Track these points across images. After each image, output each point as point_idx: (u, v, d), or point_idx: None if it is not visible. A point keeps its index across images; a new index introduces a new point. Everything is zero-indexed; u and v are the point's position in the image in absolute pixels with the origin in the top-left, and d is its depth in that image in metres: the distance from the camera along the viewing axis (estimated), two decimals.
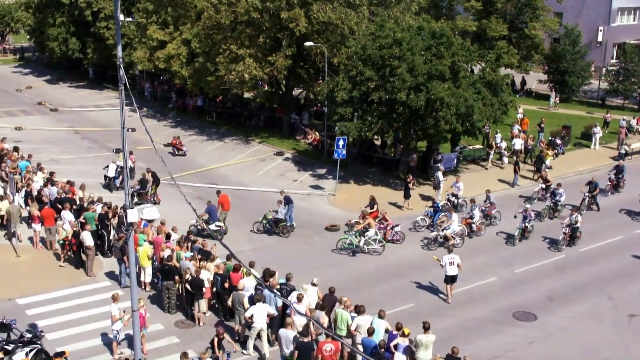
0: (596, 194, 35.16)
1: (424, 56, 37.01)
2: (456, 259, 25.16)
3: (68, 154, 44.55)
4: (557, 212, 34.15)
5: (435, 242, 30.42)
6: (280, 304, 21.84)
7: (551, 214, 34.12)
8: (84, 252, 26.97)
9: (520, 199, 36.58)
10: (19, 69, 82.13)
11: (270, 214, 31.72)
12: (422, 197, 36.63)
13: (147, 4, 55.58)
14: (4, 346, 20.04)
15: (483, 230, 32.02)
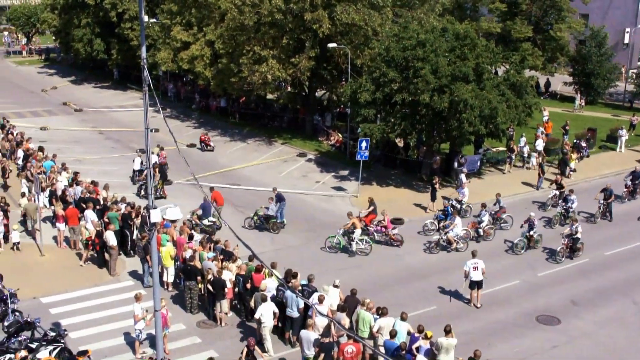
0: (611, 201, 34.05)
1: (447, 58, 36.81)
2: (480, 263, 24.77)
3: (92, 154, 44.86)
4: (569, 219, 32.86)
5: (437, 246, 30.10)
6: (302, 305, 21.80)
7: (562, 220, 33.08)
8: (107, 251, 27.13)
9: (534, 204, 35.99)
10: (45, 69, 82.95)
11: (261, 210, 32.13)
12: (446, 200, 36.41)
13: (172, 5, 55.87)
14: (28, 344, 20.19)
15: (492, 235, 31.40)
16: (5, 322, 21.78)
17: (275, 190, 32.96)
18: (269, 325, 21.72)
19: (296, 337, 21.66)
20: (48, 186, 33.14)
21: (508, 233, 31.90)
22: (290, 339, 22.33)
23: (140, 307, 20.95)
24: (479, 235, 31.12)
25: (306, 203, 35.40)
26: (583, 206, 34.12)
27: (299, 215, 33.59)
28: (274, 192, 32.71)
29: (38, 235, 29.40)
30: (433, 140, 39.68)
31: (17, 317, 21.86)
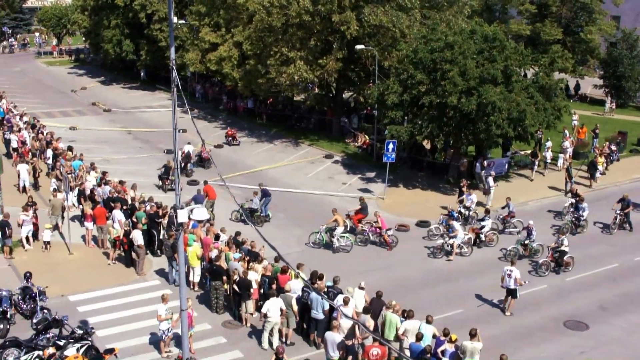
0: (628, 211, 32.80)
1: (476, 60, 36.58)
2: (514, 272, 24.24)
3: (120, 154, 45.23)
4: (581, 227, 32.20)
5: (441, 251, 29.76)
6: (327, 307, 21.77)
7: (573, 229, 32.06)
8: (134, 251, 27.31)
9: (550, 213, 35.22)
10: (75, 70, 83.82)
11: (247, 204, 32.90)
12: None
13: (200, 7, 56.18)
14: (56, 341, 20.40)
15: (495, 240, 30.81)
16: (34, 319, 22.01)
17: (262, 185, 33.88)
18: (274, 320, 21.90)
19: (321, 338, 21.64)
20: (77, 185, 33.46)
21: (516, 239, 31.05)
22: (315, 340, 22.32)
23: (164, 308, 21.01)
24: (481, 241, 30.68)
25: (332, 205, 35.27)
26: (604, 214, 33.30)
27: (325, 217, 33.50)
28: (259, 187, 33.55)
29: (66, 234, 29.69)
30: (460, 143, 39.44)
31: (46, 315, 22.07)
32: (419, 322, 20.65)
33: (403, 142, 39.02)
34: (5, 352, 20.13)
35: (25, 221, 29.03)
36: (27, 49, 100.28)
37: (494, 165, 38.99)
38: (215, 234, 27.06)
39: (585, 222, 32.36)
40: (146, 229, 28.75)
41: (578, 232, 32.15)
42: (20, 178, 36.01)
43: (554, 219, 33.94)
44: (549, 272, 27.95)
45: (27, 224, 29.15)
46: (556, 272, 27.96)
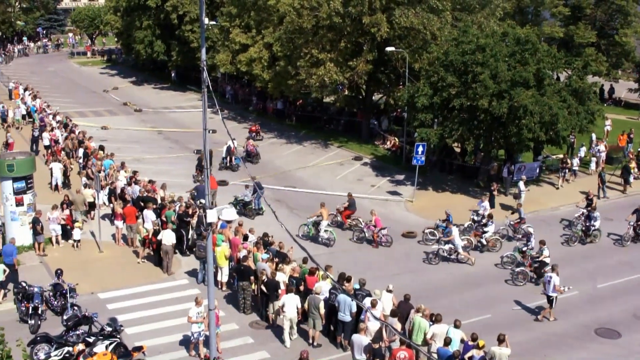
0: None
1: (507, 63, 36.29)
2: (554, 279, 23.77)
3: (150, 154, 45.55)
4: (590, 237, 31.27)
5: (437, 257, 29.29)
6: (354, 309, 21.70)
7: (583, 239, 31.33)
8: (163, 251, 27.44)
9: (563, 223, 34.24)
10: (107, 70, 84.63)
11: (240, 196, 34.16)
12: (503, 207, 35.81)
13: (231, 8, 56.40)
14: (85, 338, 20.58)
15: (498, 246, 30.29)
16: (65, 316, 22.26)
17: (255, 178, 34.12)
18: (289, 315, 22.07)
19: (348, 341, 21.60)
20: (107, 184, 33.77)
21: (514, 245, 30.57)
22: (341, 342, 22.25)
23: (196, 310, 20.92)
24: (483, 245, 30.25)
25: (361, 207, 35.16)
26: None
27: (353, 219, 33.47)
28: (253, 180, 33.81)
29: (97, 232, 29.96)
30: (491, 146, 39.13)
31: (76, 312, 22.30)
32: (447, 327, 20.51)
33: (433, 145, 38.82)
34: (36, 347, 20.36)
35: (51, 219, 29.31)
36: (60, 49, 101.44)
37: (525, 169, 38.66)
38: (243, 234, 27.12)
39: (598, 232, 31.40)
40: (175, 228, 28.94)
41: (589, 241, 31.30)
42: (53, 176, 36.43)
43: (563, 229, 32.95)
44: (526, 282, 27.02)
45: (53, 223, 29.41)
46: (535, 283, 26.86)
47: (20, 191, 28.48)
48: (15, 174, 28.25)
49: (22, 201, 28.62)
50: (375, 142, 48.77)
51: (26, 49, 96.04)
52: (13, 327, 21.66)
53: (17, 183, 28.38)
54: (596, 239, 31.43)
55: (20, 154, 30.35)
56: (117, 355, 19.92)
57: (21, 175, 28.45)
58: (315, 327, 22.23)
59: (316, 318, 22.05)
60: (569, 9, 57.61)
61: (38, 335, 21.05)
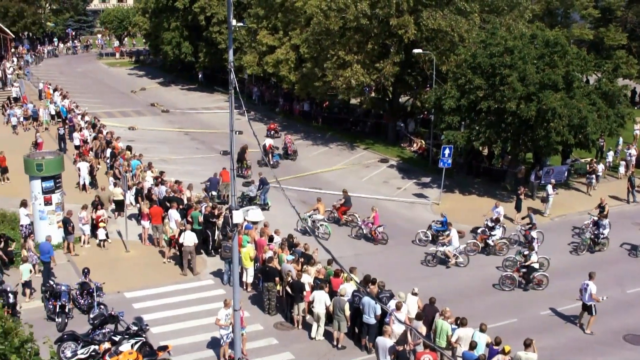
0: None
1: (536, 65, 36.00)
2: (590, 286, 23.37)
3: (177, 154, 45.80)
4: (599, 245, 30.46)
5: (434, 259, 29.08)
6: (379, 312, 21.62)
7: (591, 247, 30.52)
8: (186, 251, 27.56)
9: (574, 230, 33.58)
10: (135, 71, 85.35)
11: (246, 191, 35.31)
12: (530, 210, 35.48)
13: (258, 10, 56.58)
14: (111, 337, 20.69)
15: (505, 250, 29.88)
16: (91, 314, 22.40)
17: (260, 175, 35.45)
18: (316, 310, 22.32)
19: (372, 343, 21.52)
20: (134, 184, 34.00)
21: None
22: (366, 345, 22.18)
23: (225, 313, 20.81)
24: (488, 246, 29.90)
25: (387, 209, 35.15)
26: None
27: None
28: (259, 176, 35.40)
29: (124, 232, 30.16)
30: (518, 149, 38.83)
31: (102, 310, 22.45)
32: (473, 330, 20.35)
33: (460, 148, 38.62)
34: (63, 345, 20.52)
35: (82, 219, 29.62)
36: (89, 50, 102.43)
37: (553, 173, 38.30)
38: (269, 235, 27.15)
39: (606, 240, 30.57)
40: (201, 229, 29.07)
41: (597, 250, 30.54)
42: (81, 176, 36.75)
43: (572, 237, 32.28)
44: (514, 287, 26.67)
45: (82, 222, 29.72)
46: (523, 289, 26.61)
47: (48, 190, 28.75)
48: (44, 173, 28.52)
49: (51, 200, 28.89)
50: (402, 144, 48.64)
51: (55, 50, 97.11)
52: (40, 325, 21.83)
53: (46, 182, 28.65)
54: (604, 247, 30.56)
55: (49, 154, 30.63)
56: (142, 354, 20.00)
57: (50, 174, 28.72)
58: (340, 329, 22.17)
59: (341, 320, 22.00)
60: (599, 10, 57.04)
61: (65, 333, 21.23)
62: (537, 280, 26.69)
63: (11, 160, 37.17)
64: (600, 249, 30.56)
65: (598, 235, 30.48)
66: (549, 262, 28.25)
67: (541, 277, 26.75)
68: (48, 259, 25.83)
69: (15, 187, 35.64)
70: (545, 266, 27.99)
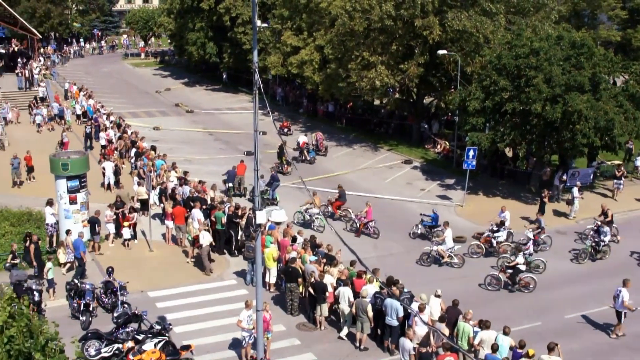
0: None
1: (562, 67, 35.68)
2: (623, 293, 22.94)
3: (201, 155, 45.98)
4: (601, 253, 29.45)
5: (428, 258, 29.04)
6: (401, 313, 21.54)
7: (593, 255, 29.50)
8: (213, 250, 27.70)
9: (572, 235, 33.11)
10: (159, 71, 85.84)
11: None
12: (555, 213, 35.24)
13: (283, 11, 56.70)
14: (135, 335, 20.81)
15: (509, 252, 29.17)
16: (115, 313, 22.55)
17: (272, 171, 36.40)
18: (342, 307, 22.53)
19: (395, 345, 21.46)
20: (159, 184, 34.18)
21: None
22: (389, 347, 22.11)
23: (247, 314, 20.82)
24: (491, 246, 29.61)
25: (410, 211, 35.03)
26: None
27: (402, 223, 33.29)
28: (271, 172, 36.20)
29: (147, 232, 30.34)
30: (543, 152, 38.51)
31: (126, 309, 22.59)
32: (496, 333, 20.22)
33: (484, 149, 38.40)
34: (86, 343, 20.67)
35: (107, 217, 29.91)
36: (115, 50, 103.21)
37: (579, 175, 37.93)
38: (292, 236, 27.17)
39: (607, 248, 29.62)
40: (224, 229, 29.17)
41: (599, 258, 29.58)
42: (106, 176, 37.02)
43: (574, 242, 31.69)
44: (500, 287, 26.51)
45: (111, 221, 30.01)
46: (509, 290, 26.45)
47: (73, 190, 28.99)
48: (69, 172, 28.77)
49: (76, 199, 29.13)
50: (426, 145, 48.45)
51: (81, 50, 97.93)
52: (65, 323, 21.94)
53: (71, 182, 28.90)
54: (606, 255, 29.67)
55: (74, 153, 30.89)
56: (165, 353, 20.10)
57: (75, 174, 28.96)
58: (363, 331, 22.12)
59: (364, 321, 21.96)
60: (626, 12, 56.43)
61: (89, 331, 21.40)
62: (524, 282, 26.51)
63: (37, 159, 37.55)
64: (602, 256, 29.59)
65: (599, 243, 29.50)
66: (545, 265, 28.15)
67: (528, 280, 26.54)
68: (79, 255, 26.30)
69: (41, 186, 36.00)
70: (542, 268, 27.99)
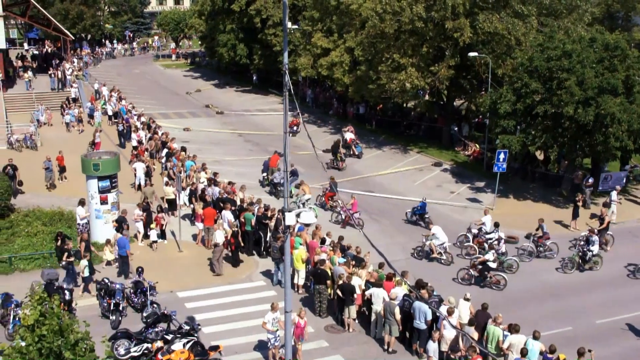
0: None
1: (595, 69, 35.25)
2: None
3: (231, 156, 46.14)
4: (589, 263, 28.48)
5: (421, 252, 29.68)
6: (429, 317, 21.42)
7: (581, 265, 28.60)
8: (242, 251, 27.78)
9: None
10: (190, 72, 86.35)
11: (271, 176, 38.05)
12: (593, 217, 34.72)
13: (314, 12, 56.75)
14: (164, 335, 20.95)
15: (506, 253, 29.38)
16: (144, 313, 22.77)
17: (292, 166, 37.23)
18: (374, 308, 22.55)
19: (423, 349, 21.35)
20: (188, 185, 34.37)
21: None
22: (417, 350, 22.01)
23: (272, 316, 20.80)
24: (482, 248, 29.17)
25: (440, 213, 34.84)
26: None
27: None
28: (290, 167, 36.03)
29: (177, 232, 30.53)
30: (575, 155, 38.07)
31: (155, 309, 22.78)
32: (525, 337, 20.03)
33: (515, 152, 38.07)
34: (116, 342, 20.84)
35: (136, 216, 30.16)
36: (146, 52, 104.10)
37: (612, 179, 37.47)
38: (321, 237, 27.16)
39: (598, 259, 28.66)
40: (254, 230, 29.25)
41: (587, 268, 28.65)
42: (137, 176, 37.32)
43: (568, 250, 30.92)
44: (470, 283, 26.78)
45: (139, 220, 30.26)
46: (480, 285, 26.71)
47: (104, 190, 29.27)
48: (101, 173, 29.04)
49: (107, 200, 29.40)
50: (456, 148, 48.17)
51: (113, 52, 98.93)
52: (95, 323, 22.17)
53: (102, 182, 29.18)
54: (597, 265, 28.75)
55: (105, 154, 31.17)
56: (194, 353, 20.21)
57: (106, 174, 29.23)
58: (392, 333, 22.05)
59: (392, 324, 21.89)
60: None
61: (119, 330, 21.56)
62: (495, 279, 26.76)
63: (69, 160, 37.98)
64: (592, 267, 28.66)
65: (586, 253, 28.51)
66: (518, 265, 28.23)
67: (499, 278, 26.78)
68: (124, 252, 26.85)
69: (72, 186, 36.39)
70: (515, 268, 28.19)
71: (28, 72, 64.09)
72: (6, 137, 46.16)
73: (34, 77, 63.50)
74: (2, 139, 46.25)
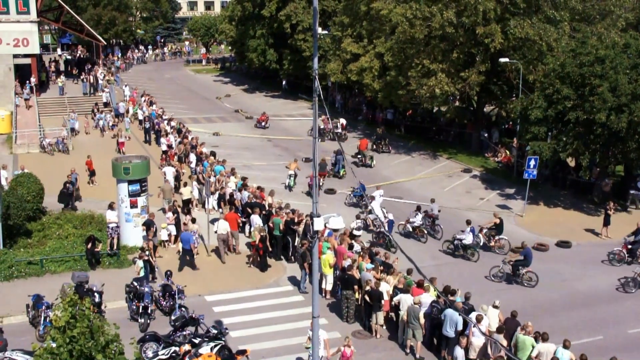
0: None
1: (628, 75, 34.81)
2: None
3: (260, 161, 46.25)
4: (519, 277, 27.40)
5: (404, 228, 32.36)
6: (460, 326, 21.24)
7: (510, 277, 27.71)
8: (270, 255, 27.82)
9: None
10: (220, 78, 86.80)
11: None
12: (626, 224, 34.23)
13: (343, 18, 56.78)
14: (191, 339, 21.03)
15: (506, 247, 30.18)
16: (173, 316, 22.90)
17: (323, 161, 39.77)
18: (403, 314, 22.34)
19: (451, 356, 21.18)
20: (217, 189, 34.51)
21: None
22: (445, 357, 21.85)
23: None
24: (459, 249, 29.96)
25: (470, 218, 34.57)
26: None
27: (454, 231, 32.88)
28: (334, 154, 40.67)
29: (206, 236, 30.65)
30: (608, 162, 37.62)
31: (183, 313, 22.88)
32: (555, 346, 19.78)
33: (545, 159, 37.70)
34: (145, 345, 20.96)
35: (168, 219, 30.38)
36: (177, 57, 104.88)
37: None
38: (349, 243, 27.09)
39: (533, 275, 27.19)
40: (282, 235, 29.29)
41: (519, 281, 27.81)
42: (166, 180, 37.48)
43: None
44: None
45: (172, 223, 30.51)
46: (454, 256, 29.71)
47: (134, 194, 29.50)
48: (131, 177, 29.29)
49: (136, 203, 29.64)
50: (486, 154, 47.84)
51: (144, 57, 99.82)
52: (123, 325, 22.28)
53: (132, 186, 29.42)
54: (532, 282, 27.25)
55: (135, 158, 31.42)
56: (221, 357, 20.24)
57: (136, 178, 29.47)
58: (416, 338, 21.91)
59: (416, 328, 21.77)
60: None
61: (147, 333, 21.69)
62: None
63: (99, 163, 38.32)
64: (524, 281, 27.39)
65: (517, 266, 27.36)
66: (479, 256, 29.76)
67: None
68: (188, 246, 27.76)
69: (103, 190, 36.71)
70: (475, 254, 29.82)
71: (61, 76, 64.97)
72: (39, 141, 46.90)
73: (66, 82, 64.30)
74: (35, 143, 46.99)
